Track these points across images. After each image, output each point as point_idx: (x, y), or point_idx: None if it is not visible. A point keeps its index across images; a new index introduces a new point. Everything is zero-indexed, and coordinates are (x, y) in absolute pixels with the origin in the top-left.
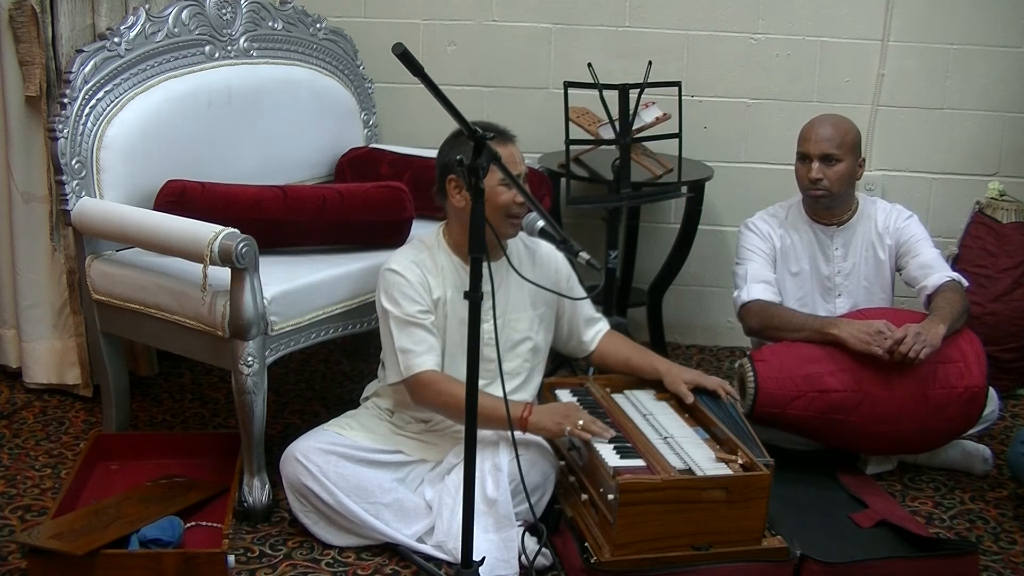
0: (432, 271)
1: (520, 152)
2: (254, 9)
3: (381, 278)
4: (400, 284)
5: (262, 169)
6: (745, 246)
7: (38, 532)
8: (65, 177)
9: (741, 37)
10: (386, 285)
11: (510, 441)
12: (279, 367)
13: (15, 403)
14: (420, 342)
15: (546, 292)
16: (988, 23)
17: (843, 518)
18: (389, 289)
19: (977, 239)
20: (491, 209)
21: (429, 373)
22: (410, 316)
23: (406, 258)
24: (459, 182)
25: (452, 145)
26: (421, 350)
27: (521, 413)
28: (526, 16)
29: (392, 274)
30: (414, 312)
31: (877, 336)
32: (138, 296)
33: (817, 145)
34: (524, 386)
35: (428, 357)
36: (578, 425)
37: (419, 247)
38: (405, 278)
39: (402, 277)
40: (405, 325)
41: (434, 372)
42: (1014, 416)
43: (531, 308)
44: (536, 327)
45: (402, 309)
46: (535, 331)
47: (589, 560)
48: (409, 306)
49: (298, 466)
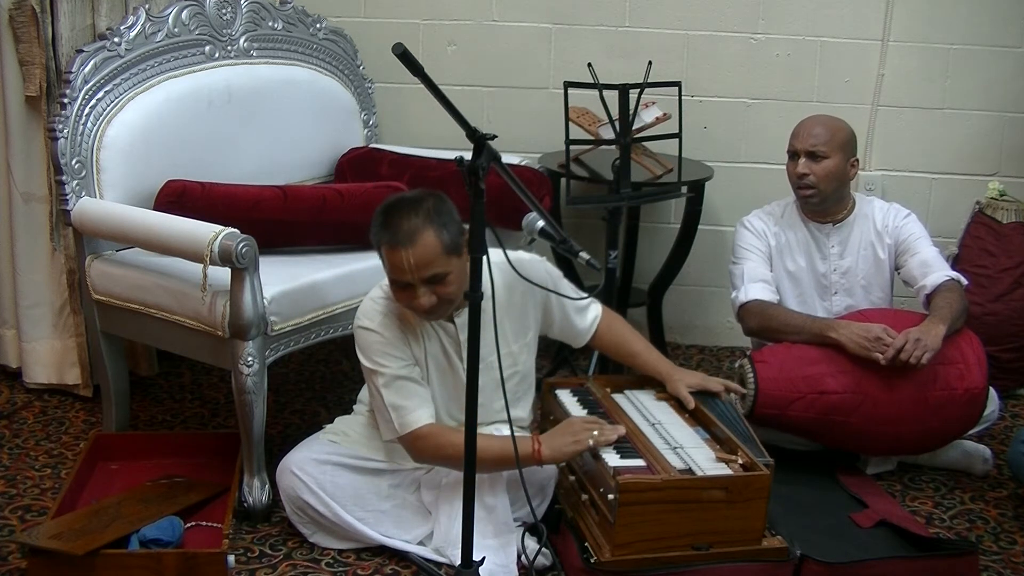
0: (406, 320)
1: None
2: (254, 9)
3: (357, 336)
4: (378, 343)
5: (262, 169)
6: (741, 244)
7: (38, 532)
8: (65, 177)
9: (741, 37)
10: (364, 345)
11: None
12: (279, 367)
13: (15, 403)
14: (410, 396)
15: (529, 317)
16: (988, 23)
17: (843, 518)
18: (367, 350)
19: (977, 239)
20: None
21: (427, 428)
22: (396, 372)
23: (378, 311)
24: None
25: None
26: (413, 405)
27: (532, 447)
28: (526, 16)
29: (367, 333)
30: (398, 368)
31: (876, 343)
32: (138, 296)
33: (804, 141)
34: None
35: (422, 412)
36: (594, 436)
37: (388, 293)
38: (382, 336)
39: (379, 335)
40: (392, 381)
41: (431, 426)
42: (1014, 416)
43: (514, 343)
44: (523, 358)
45: (387, 367)
46: (520, 362)
47: (589, 560)
48: (392, 363)
49: (294, 479)
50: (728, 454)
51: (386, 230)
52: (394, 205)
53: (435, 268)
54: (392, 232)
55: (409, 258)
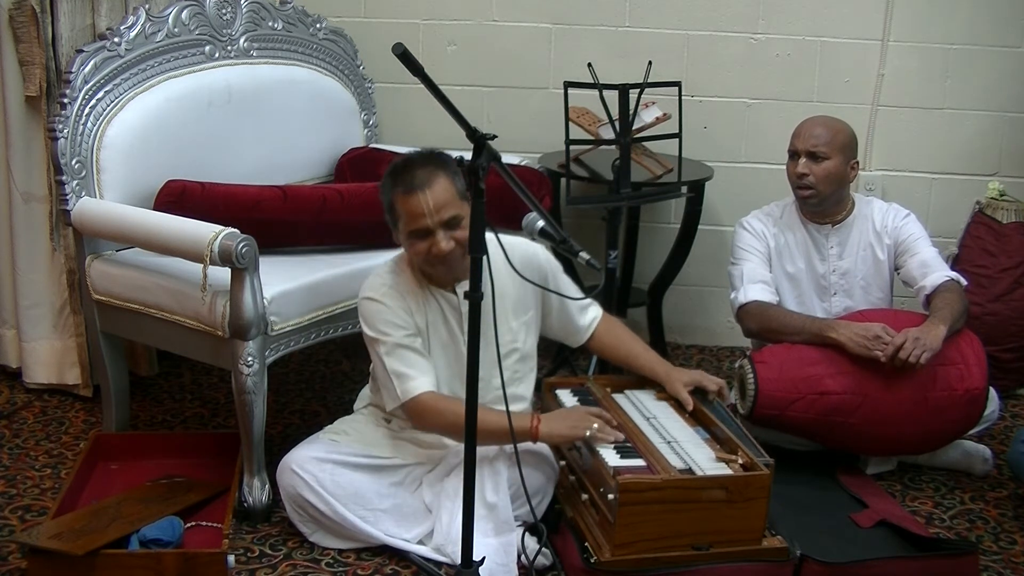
0: (410, 295)
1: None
2: (254, 9)
3: (361, 307)
4: (381, 311)
5: (262, 169)
6: (740, 245)
7: (38, 532)
8: (65, 177)
9: (741, 37)
10: (367, 314)
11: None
12: (279, 367)
13: (15, 403)
14: (413, 365)
15: (529, 296)
16: (988, 23)
17: (843, 518)
18: (371, 319)
19: (977, 239)
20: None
21: (428, 395)
22: (398, 341)
23: (382, 284)
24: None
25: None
26: (416, 372)
27: (530, 424)
28: (526, 16)
29: (371, 303)
30: (401, 336)
31: (875, 341)
32: (138, 296)
33: (805, 141)
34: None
35: (424, 379)
36: (595, 428)
37: (393, 269)
38: (385, 304)
39: (381, 304)
40: (395, 349)
41: (433, 394)
42: (1014, 416)
43: (514, 319)
44: (522, 336)
45: (389, 335)
46: (520, 340)
47: (589, 560)
48: (395, 332)
49: (294, 477)
50: (728, 454)
51: (402, 180)
52: (404, 160)
53: (451, 210)
54: (408, 180)
55: (428, 200)
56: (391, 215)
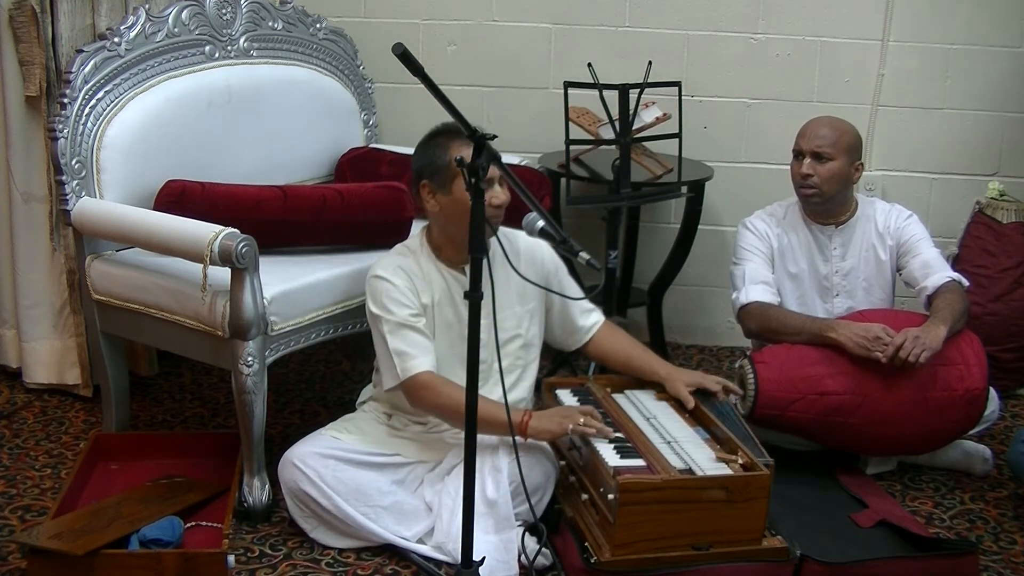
0: (418, 275)
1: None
2: (254, 9)
3: (368, 285)
4: (388, 289)
5: (262, 169)
6: (742, 246)
7: (38, 532)
8: (65, 177)
9: (741, 37)
10: (374, 292)
11: (510, 442)
12: (279, 367)
13: (15, 403)
14: (414, 344)
15: (533, 286)
16: (988, 23)
17: (843, 518)
18: (377, 296)
19: (977, 239)
20: (463, 213)
21: (427, 375)
22: (402, 320)
23: (392, 263)
24: (431, 187)
25: (424, 150)
26: (416, 352)
27: (521, 418)
28: (526, 16)
29: (379, 280)
30: (405, 316)
31: (875, 342)
32: (138, 296)
33: (810, 141)
34: (518, 384)
35: (424, 359)
36: (580, 422)
37: (404, 252)
38: (392, 283)
39: (389, 283)
40: (398, 328)
41: (431, 374)
42: (1014, 416)
43: (518, 305)
44: (526, 324)
45: (393, 314)
46: (524, 328)
47: (589, 560)
48: (400, 310)
49: (296, 471)
50: (728, 454)
51: (445, 133)
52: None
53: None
54: (455, 130)
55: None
56: (440, 175)
